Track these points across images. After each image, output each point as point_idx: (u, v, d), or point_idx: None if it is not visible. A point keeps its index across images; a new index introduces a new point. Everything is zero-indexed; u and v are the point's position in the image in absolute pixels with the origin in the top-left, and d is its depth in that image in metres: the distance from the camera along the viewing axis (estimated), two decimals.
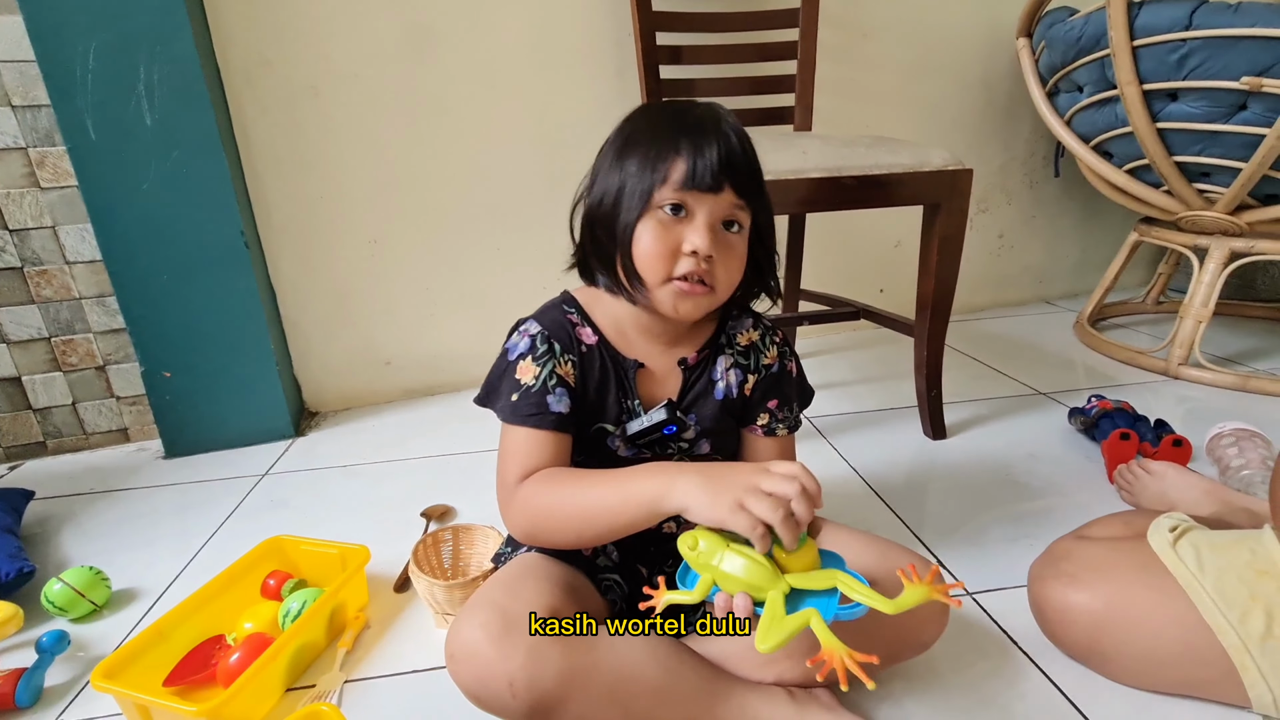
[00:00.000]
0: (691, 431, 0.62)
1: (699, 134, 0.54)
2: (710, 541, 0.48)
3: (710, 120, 0.55)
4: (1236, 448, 0.93)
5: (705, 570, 0.47)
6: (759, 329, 0.66)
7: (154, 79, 1.04)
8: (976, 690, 0.63)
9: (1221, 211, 1.23)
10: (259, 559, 0.80)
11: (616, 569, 0.64)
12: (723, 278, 0.57)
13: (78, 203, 1.12)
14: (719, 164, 0.53)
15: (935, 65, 1.53)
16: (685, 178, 0.54)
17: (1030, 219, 1.76)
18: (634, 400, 0.61)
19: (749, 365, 0.65)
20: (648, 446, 0.62)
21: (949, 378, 1.17)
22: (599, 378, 0.61)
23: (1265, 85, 1.03)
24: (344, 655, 0.71)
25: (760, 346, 0.66)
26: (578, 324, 0.62)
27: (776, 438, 0.66)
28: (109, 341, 1.22)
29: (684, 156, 0.54)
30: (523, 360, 0.60)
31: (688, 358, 0.63)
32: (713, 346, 0.64)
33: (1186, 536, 0.63)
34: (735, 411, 0.65)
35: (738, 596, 0.46)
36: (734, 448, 0.68)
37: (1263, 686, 0.56)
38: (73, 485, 1.13)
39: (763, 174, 0.58)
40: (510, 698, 0.50)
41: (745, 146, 0.56)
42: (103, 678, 0.62)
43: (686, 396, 0.63)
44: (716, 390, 0.64)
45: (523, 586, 0.55)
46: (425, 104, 1.27)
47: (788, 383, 0.67)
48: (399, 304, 1.37)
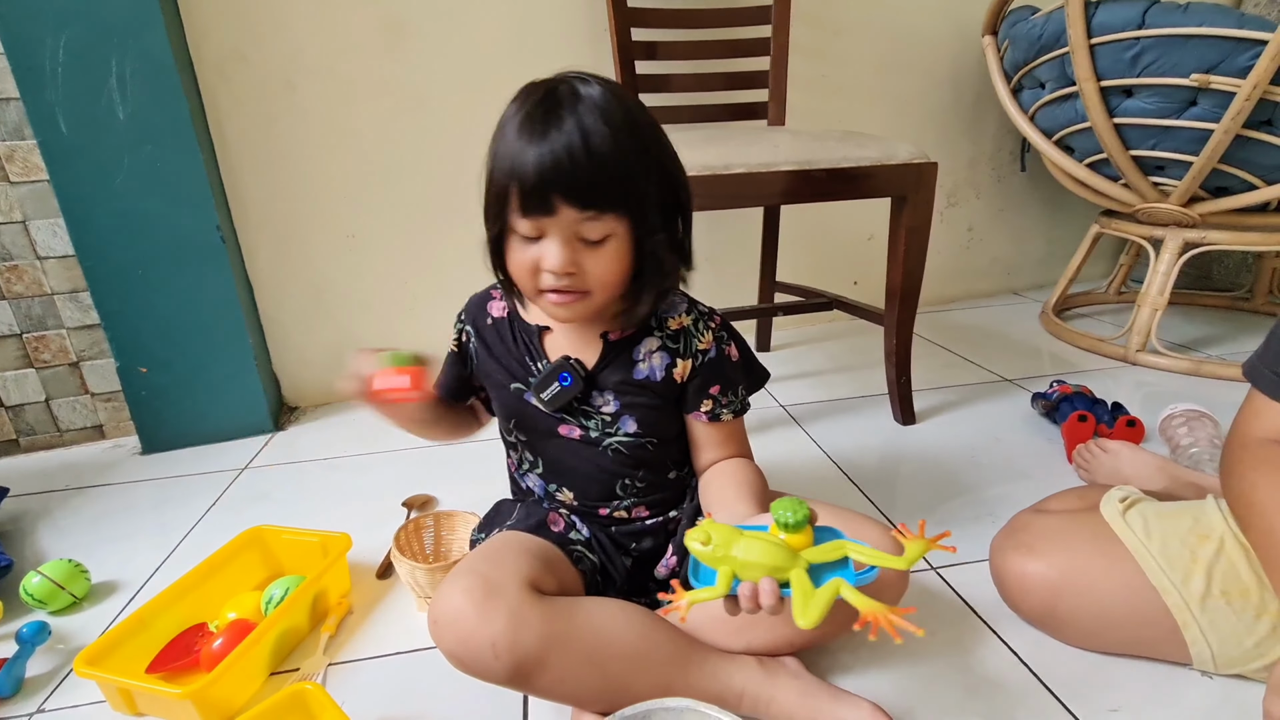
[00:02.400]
0: (610, 404, 0.64)
1: (538, 152, 0.51)
2: (721, 533, 0.47)
3: (555, 130, 0.51)
4: (1186, 427, 0.97)
5: (722, 563, 0.46)
6: (692, 314, 0.66)
7: (126, 72, 1.03)
8: (938, 657, 0.66)
9: (1175, 204, 1.28)
10: (240, 548, 0.81)
11: (586, 544, 0.67)
12: (595, 281, 0.56)
13: (49, 197, 1.11)
14: (546, 186, 0.52)
15: (905, 62, 1.57)
16: (521, 204, 0.53)
17: (999, 212, 1.81)
18: (541, 362, 0.65)
19: (678, 350, 0.64)
20: (566, 410, 0.65)
21: (919, 366, 1.21)
22: (504, 345, 0.67)
23: (1213, 82, 1.08)
24: (327, 639, 0.72)
25: (693, 331, 0.65)
26: (495, 298, 0.69)
27: (722, 423, 0.67)
28: (82, 338, 1.21)
29: (516, 181, 0.53)
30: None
31: (610, 333, 0.64)
32: (640, 326, 0.64)
33: (1135, 507, 0.66)
34: (668, 395, 0.65)
35: (763, 582, 0.46)
36: (670, 431, 0.67)
37: (1203, 643, 0.59)
38: (47, 483, 1.12)
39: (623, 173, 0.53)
40: (493, 659, 0.52)
41: (586, 155, 0.51)
42: (85, 664, 0.62)
43: (602, 368, 0.64)
44: (637, 370, 0.64)
45: (503, 557, 0.58)
46: (401, 98, 1.27)
47: (729, 367, 0.67)
48: (377, 298, 1.38)
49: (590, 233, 0.54)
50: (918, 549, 0.47)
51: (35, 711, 0.67)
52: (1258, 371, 0.61)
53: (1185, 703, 0.60)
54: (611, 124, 0.52)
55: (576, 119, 0.52)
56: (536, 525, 0.65)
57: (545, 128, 0.52)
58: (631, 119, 0.55)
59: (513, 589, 0.54)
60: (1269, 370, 0.60)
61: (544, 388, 0.63)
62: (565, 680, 0.54)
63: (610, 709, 0.50)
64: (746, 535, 0.47)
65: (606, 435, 0.65)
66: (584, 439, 0.65)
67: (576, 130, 0.51)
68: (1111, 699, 0.60)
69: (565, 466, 0.68)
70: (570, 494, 0.68)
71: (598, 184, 0.53)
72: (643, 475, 0.67)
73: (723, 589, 0.46)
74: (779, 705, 0.59)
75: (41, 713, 0.66)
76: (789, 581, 0.46)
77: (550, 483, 0.69)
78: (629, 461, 0.66)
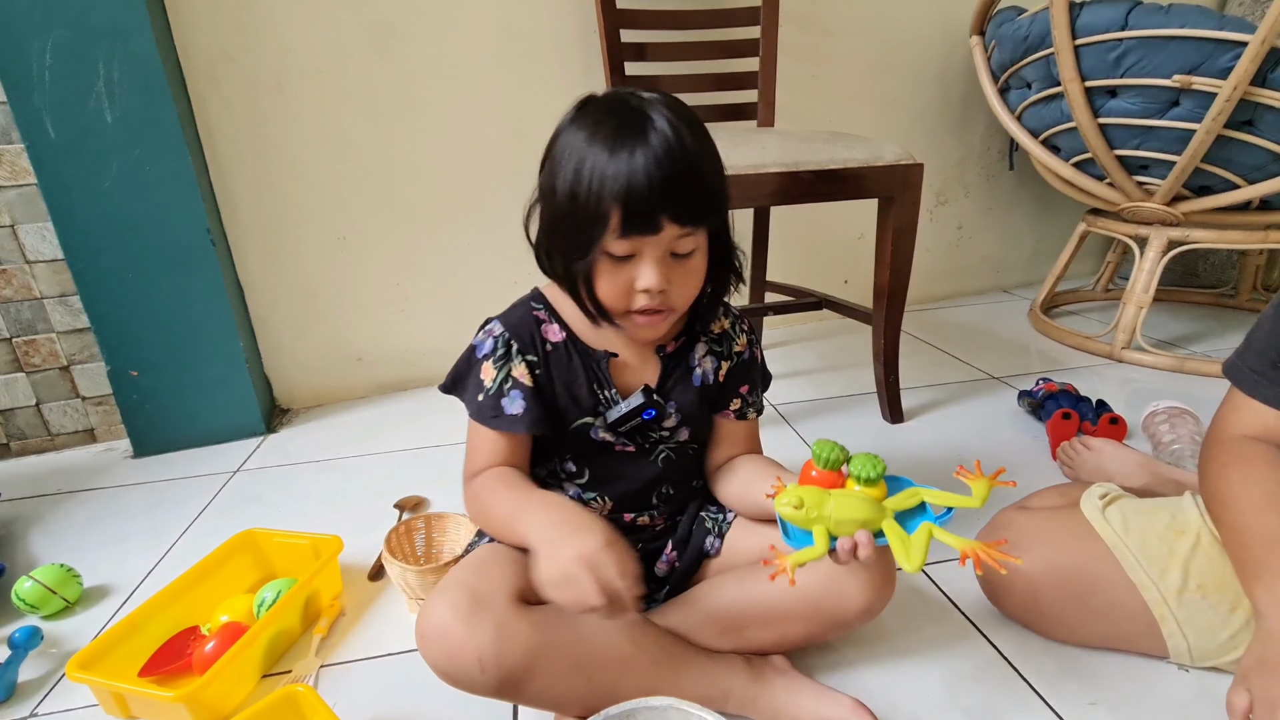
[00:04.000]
0: (673, 419, 0.64)
1: (632, 171, 0.50)
2: (810, 495, 0.50)
3: (644, 148, 0.50)
4: (1169, 424, 0.99)
5: (816, 523, 0.49)
6: (729, 317, 0.68)
7: (114, 75, 1.03)
8: (923, 652, 0.68)
9: (1159, 202, 1.30)
10: (232, 552, 0.81)
11: None
12: (679, 298, 0.57)
13: (37, 201, 1.11)
14: (654, 205, 0.50)
15: (894, 63, 1.58)
16: (622, 225, 0.51)
17: (987, 211, 1.82)
18: (610, 390, 0.62)
19: (723, 352, 0.67)
20: (629, 434, 0.63)
21: (908, 364, 1.22)
22: (568, 373, 0.61)
23: (1194, 83, 1.09)
24: (319, 641, 0.73)
25: (732, 334, 0.67)
26: (545, 321, 0.62)
27: (747, 421, 0.69)
28: (72, 341, 1.21)
29: (619, 203, 0.50)
30: (486, 361, 0.61)
31: (665, 346, 0.64)
32: (689, 334, 0.65)
33: (1115, 504, 0.68)
34: (710, 398, 0.67)
35: (859, 534, 0.49)
36: (708, 433, 0.69)
37: (1179, 637, 0.61)
38: (38, 487, 1.12)
39: (713, 186, 0.54)
40: (479, 673, 0.52)
41: (684, 170, 0.51)
42: (78, 668, 0.63)
43: (666, 384, 0.64)
44: (694, 377, 0.65)
45: (490, 569, 0.58)
46: (391, 100, 1.27)
47: (755, 368, 0.69)
48: (369, 300, 1.38)
49: (682, 247, 0.54)
50: (984, 487, 0.51)
51: (29, 716, 0.67)
52: (1237, 370, 0.62)
53: (1162, 695, 0.61)
54: (693, 134, 0.52)
55: (661, 134, 0.51)
56: None
57: (635, 144, 0.50)
58: (700, 128, 0.54)
59: (499, 601, 0.54)
60: (1248, 368, 0.61)
61: (625, 421, 0.61)
62: (552, 688, 0.55)
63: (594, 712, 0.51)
64: (835, 494, 0.50)
65: (661, 444, 0.65)
66: (639, 450, 0.65)
67: (667, 145, 0.50)
68: (1090, 692, 0.62)
69: (614, 477, 0.65)
70: (609, 503, 0.66)
71: (696, 198, 0.52)
72: (678, 481, 0.68)
73: (823, 548, 0.49)
74: (765, 703, 0.60)
75: (35, 717, 0.67)
76: (881, 532, 0.49)
77: (590, 492, 0.66)
78: (674, 468, 0.66)
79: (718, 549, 0.67)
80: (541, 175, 0.58)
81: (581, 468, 0.65)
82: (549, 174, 0.56)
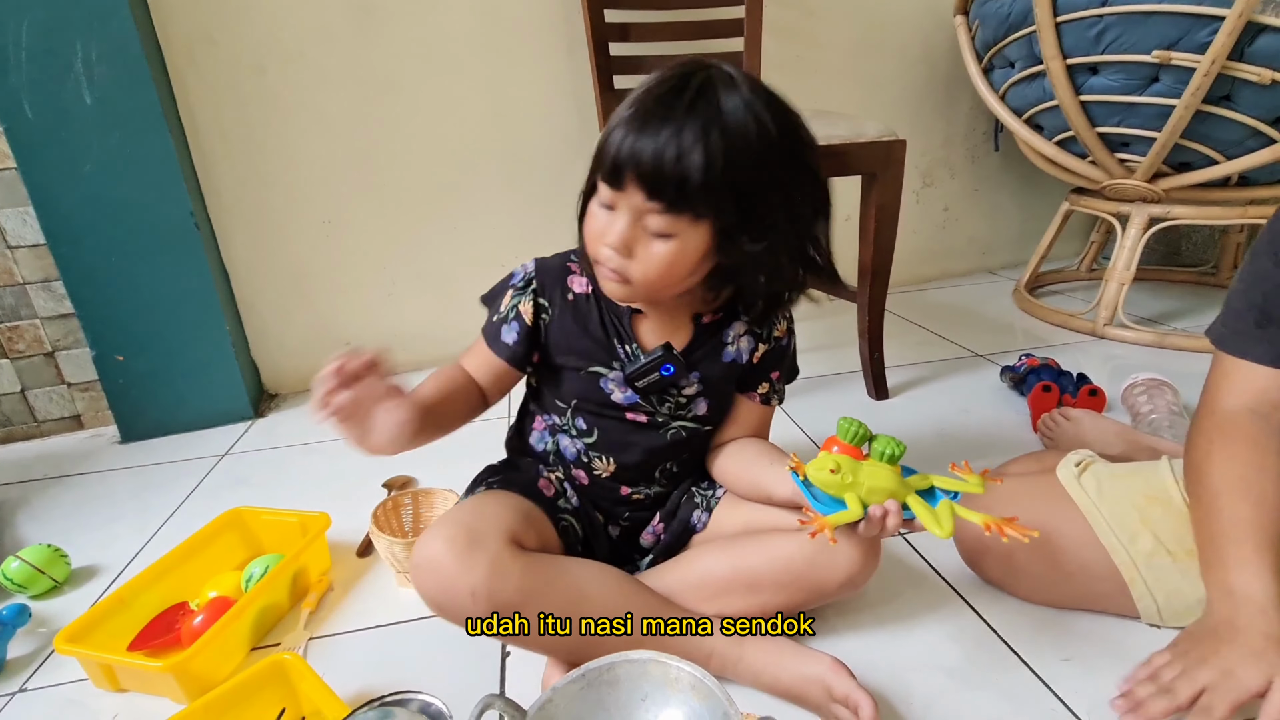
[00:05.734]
0: (693, 387, 0.64)
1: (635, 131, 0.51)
2: (847, 463, 0.52)
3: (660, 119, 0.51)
4: (1146, 395, 1.00)
5: (850, 489, 0.52)
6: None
7: (92, 56, 1.02)
8: (902, 616, 0.69)
9: (1140, 179, 1.31)
10: (220, 529, 0.81)
11: (573, 513, 0.67)
12: (639, 273, 0.55)
13: (16, 186, 1.10)
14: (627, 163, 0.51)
15: (879, 43, 1.58)
16: (604, 170, 0.53)
17: (973, 192, 1.83)
18: (631, 344, 0.63)
19: (761, 335, 0.67)
20: (646, 393, 0.64)
21: (893, 344, 1.23)
22: (584, 323, 0.63)
23: (1174, 58, 1.10)
24: (308, 615, 0.74)
25: (774, 319, 0.67)
26: (574, 272, 0.65)
27: (769, 406, 0.70)
28: (57, 327, 1.20)
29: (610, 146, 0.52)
30: (509, 289, 0.65)
31: (703, 316, 0.64)
32: (727, 310, 0.65)
33: (1090, 470, 0.69)
34: (739, 377, 0.67)
35: (889, 503, 0.52)
36: (726, 414, 0.70)
37: (1149, 599, 0.62)
38: (25, 472, 1.12)
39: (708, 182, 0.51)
40: (471, 605, 0.53)
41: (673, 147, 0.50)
42: (66, 641, 0.63)
43: (695, 352, 0.64)
44: (726, 353, 0.65)
45: (487, 511, 0.58)
46: (373, 82, 1.27)
47: (789, 357, 0.70)
48: (356, 284, 1.38)
49: (652, 225, 0.54)
50: (978, 480, 0.55)
51: (18, 691, 0.67)
52: (1220, 333, 0.64)
53: (1134, 652, 0.62)
54: (728, 136, 0.51)
55: (692, 118, 0.50)
56: (525, 487, 0.65)
57: (655, 112, 0.51)
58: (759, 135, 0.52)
59: (494, 540, 0.55)
60: (1230, 330, 0.62)
61: (642, 376, 0.62)
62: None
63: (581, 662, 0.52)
64: (865, 465, 0.53)
65: (674, 419, 0.66)
66: (650, 422, 0.65)
67: (683, 128, 0.50)
68: (1064, 649, 0.63)
69: (621, 444, 0.66)
70: (611, 466, 0.67)
71: (671, 180, 0.51)
72: (685, 460, 0.69)
73: (859, 511, 0.51)
74: (746, 664, 0.61)
75: (24, 692, 0.67)
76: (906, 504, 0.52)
77: (596, 452, 0.67)
78: (684, 447, 0.67)
79: (704, 524, 0.68)
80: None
81: (592, 427, 0.66)
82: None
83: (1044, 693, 0.59)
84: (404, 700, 0.50)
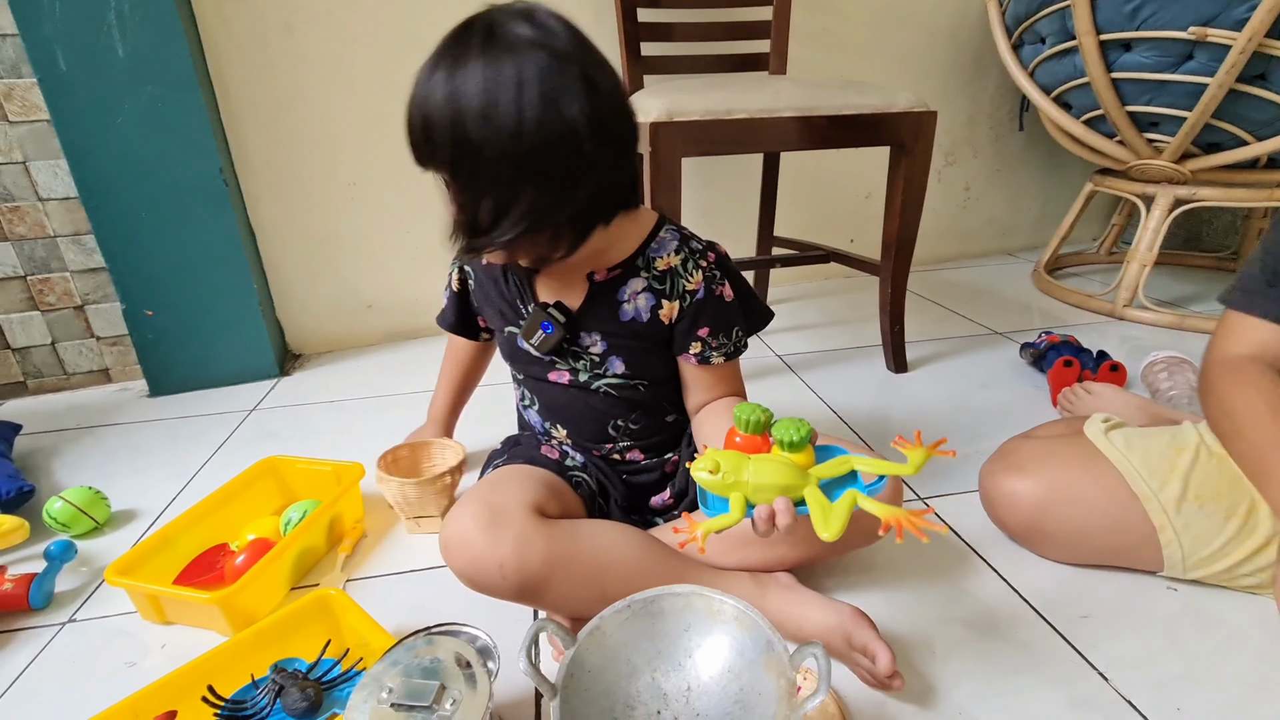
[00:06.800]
0: (599, 345, 0.65)
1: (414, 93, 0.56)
2: (729, 460, 0.47)
3: (428, 77, 0.53)
4: (1167, 372, 1.01)
5: (733, 489, 0.46)
6: (681, 254, 0.64)
7: (124, 8, 1.02)
8: (924, 577, 0.71)
9: (1168, 160, 1.30)
10: (256, 476, 0.84)
11: (583, 468, 0.70)
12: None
13: (49, 138, 1.11)
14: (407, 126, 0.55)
15: (907, 16, 1.56)
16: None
17: (995, 172, 1.82)
18: (528, 305, 0.66)
19: (664, 290, 0.63)
20: (555, 352, 0.66)
21: (912, 320, 1.24)
22: (497, 287, 0.68)
23: (1209, 35, 1.09)
24: (344, 559, 0.76)
25: (680, 272, 0.63)
26: None
27: (712, 366, 0.66)
28: (86, 281, 1.22)
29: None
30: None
31: (596, 273, 0.64)
32: (626, 267, 0.63)
33: (1118, 429, 0.70)
34: (656, 336, 0.65)
35: (778, 502, 0.46)
36: (660, 372, 0.68)
37: (1175, 545, 0.63)
38: (57, 422, 1.15)
39: (465, 141, 0.51)
40: (500, 579, 0.55)
41: (427, 114, 0.52)
42: (116, 574, 0.65)
43: (588, 310, 0.64)
44: (622, 310, 0.64)
45: (508, 486, 0.61)
46: (399, 44, 1.26)
47: (721, 308, 0.65)
48: (379, 247, 1.39)
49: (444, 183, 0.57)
50: (920, 456, 0.47)
51: (67, 621, 0.70)
52: (1230, 293, 0.66)
53: (1150, 610, 0.64)
54: (487, 90, 0.49)
55: (453, 72, 0.51)
56: (532, 456, 0.68)
57: (431, 70, 0.53)
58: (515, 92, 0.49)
59: (518, 515, 0.57)
60: (1241, 289, 0.65)
61: (530, 334, 0.66)
62: (568, 596, 0.58)
63: None
64: (754, 459, 0.48)
65: (596, 377, 0.67)
66: (573, 383, 0.68)
67: (440, 85, 0.51)
68: (1082, 606, 0.65)
69: (558, 406, 0.70)
70: (564, 432, 0.71)
71: (419, 142, 0.55)
72: (636, 418, 0.70)
73: (738, 515, 0.46)
74: (769, 614, 0.62)
75: (73, 622, 0.70)
76: (803, 499, 0.46)
77: (546, 420, 0.72)
78: (621, 404, 0.68)
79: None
80: None
81: (531, 395, 0.72)
82: None
83: (1061, 645, 0.61)
84: (452, 632, 0.52)
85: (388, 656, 0.45)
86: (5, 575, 0.71)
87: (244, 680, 0.57)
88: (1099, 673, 0.58)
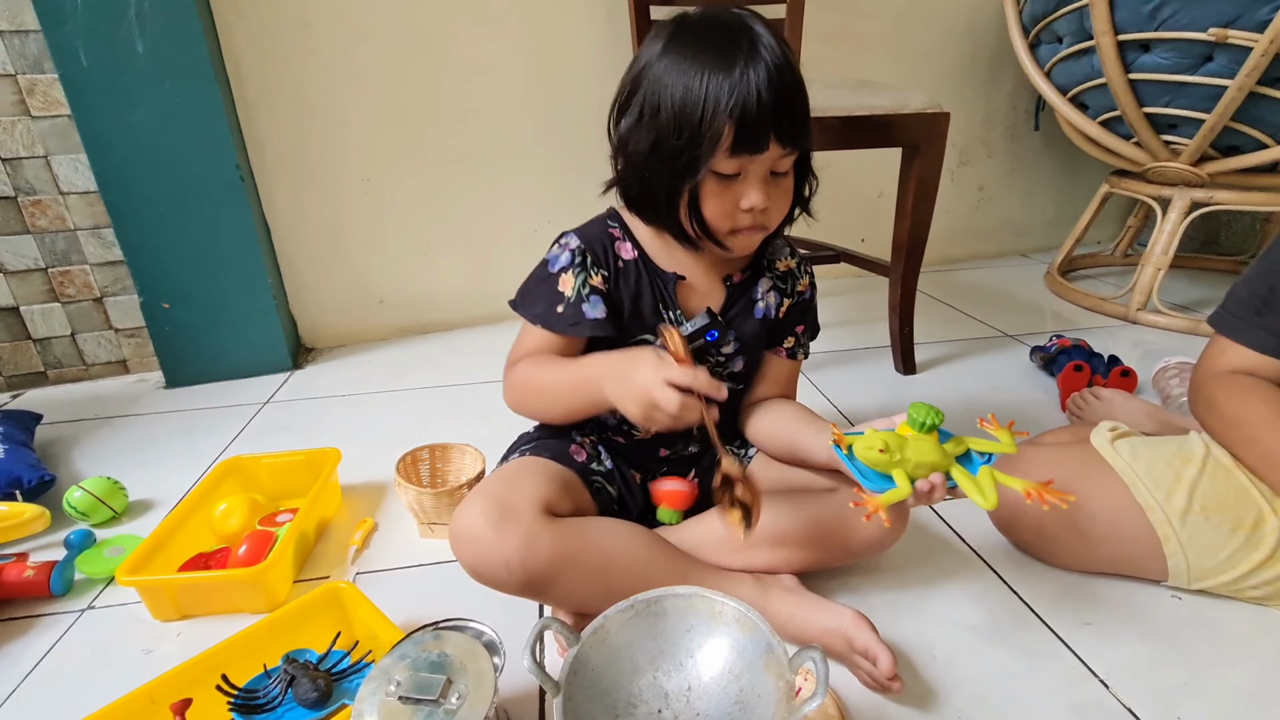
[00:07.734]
0: (731, 345, 0.67)
1: (747, 90, 0.51)
2: (893, 440, 0.52)
3: (755, 67, 0.52)
4: (1179, 378, 1.00)
5: (897, 466, 0.52)
6: (795, 258, 0.70)
7: (144, 5, 1.04)
8: (929, 581, 0.71)
9: (1185, 162, 1.29)
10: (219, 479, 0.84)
11: (606, 475, 0.69)
12: (775, 217, 0.60)
13: (70, 132, 1.13)
14: (764, 124, 0.52)
15: (924, 14, 1.55)
16: (734, 144, 0.53)
17: (1010, 173, 1.81)
18: (675, 310, 0.65)
19: (786, 290, 0.69)
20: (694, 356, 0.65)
21: (922, 321, 1.23)
22: (635, 291, 0.64)
23: (1230, 36, 1.07)
24: (355, 552, 0.77)
25: (796, 274, 0.70)
26: (619, 239, 0.65)
27: (795, 361, 0.72)
28: (105, 274, 1.24)
29: (733, 121, 0.52)
30: (564, 274, 0.63)
31: (732, 276, 0.67)
32: (754, 268, 0.68)
33: (1124, 438, 0.70)
34: (768, 332, 0.69)
35: (934, 477, 0.52)
36: (758, 367, 0.72)
37: (1180, 556, 0.63)
38: (77, 412, 1.17)
39: (808, 108, 0.56)
40: (506, 575, 0.56)
41: (792, 89, 0.53)
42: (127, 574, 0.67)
43: (730, 311, 0.67)
44: (757, 309, 0.68)
45: (520, 480, 0.61)
46: (415, 41, 1.27)
47: (811, 310, 0.72)
48: (392, 243, 1.40)
49: (782, 167, 0.57)
50: (1008, 435, 0.55)
51: (86, 608, 0.72)
52: (1222, 318, 0.67)
53: (1155, 618, 0.64)
54: (788, 56, 0.53)
55: (771, 51, 0.52)
56: (557, 453, 0.67)
57: (747, 63, 0.52)
58: (794, 64, 0.55)
59: (527, 512, 0.57)
60: (1231, 315, 0.66)
61: (690, 341, 0.62)
62: (574, 593, 0.59)
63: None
64: (910, 439, 0.53)
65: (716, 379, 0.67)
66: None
67: (777, 65, 0.52)
68: (1086, 614, 0.65)
69: None
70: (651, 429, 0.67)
71: (800, 119, 0.55)
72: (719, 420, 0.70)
73: (907, 489, 0.52)
74: (771, 616, 0.63)
75: (92, 609, 0.72)
76: (949, 475, 0.53)
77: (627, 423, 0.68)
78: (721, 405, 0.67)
79: None
80: (633, 102, 0.58)
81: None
82: (649, 98, 0.56)
83: (1064, 652, 0.61)
84: (459, 627, 0.53)
85: (396, 650, 0.46)
86: (27, 562, 0.73)
87: (256, 670, 0.58)
88: (1100, 680, 0.58)
